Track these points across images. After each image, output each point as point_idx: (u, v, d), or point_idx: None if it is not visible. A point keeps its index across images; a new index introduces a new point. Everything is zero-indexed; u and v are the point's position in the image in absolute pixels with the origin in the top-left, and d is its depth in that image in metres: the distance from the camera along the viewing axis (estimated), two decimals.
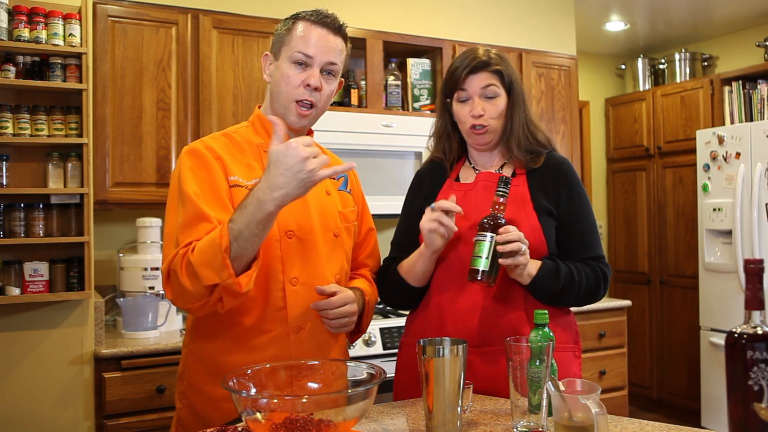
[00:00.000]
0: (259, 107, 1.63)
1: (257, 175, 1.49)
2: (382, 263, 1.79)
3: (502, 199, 1.51)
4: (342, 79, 1.62)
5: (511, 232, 1.46)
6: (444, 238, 1.55)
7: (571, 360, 1.65)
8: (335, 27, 1.56)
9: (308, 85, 1.50)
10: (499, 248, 1.46)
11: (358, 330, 1.67)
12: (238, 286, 1.32)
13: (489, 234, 1.47)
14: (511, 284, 1.59)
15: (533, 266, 1.55)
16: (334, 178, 1.65)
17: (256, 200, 1.30)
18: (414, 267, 1.64)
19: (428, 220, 1.53)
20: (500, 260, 1.46)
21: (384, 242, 1.81)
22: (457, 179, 1.74)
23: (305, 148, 1.29)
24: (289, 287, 1.48)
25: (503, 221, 1.49)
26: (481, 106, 1.63)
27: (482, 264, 1.46)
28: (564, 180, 1.66)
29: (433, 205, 1.54)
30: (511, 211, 1.59)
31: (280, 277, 1.47)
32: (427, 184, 1.77)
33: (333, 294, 1.49)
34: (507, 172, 1.70)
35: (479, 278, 1.47)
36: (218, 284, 1.32)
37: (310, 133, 1.64)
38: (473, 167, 1.74)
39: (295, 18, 1.56)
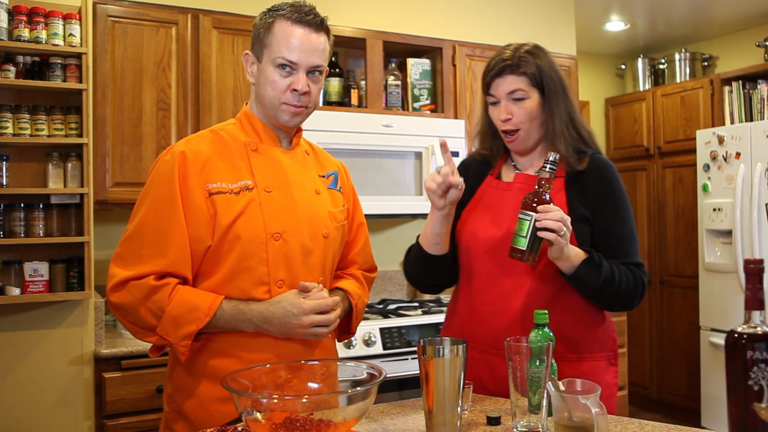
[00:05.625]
0: (246, 104, 1.60)
1: (243, 176, 1.48)
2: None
3: (547, 176, 1.47)
4: (327, 67, 1.56)
5: (552, 211, 1.43)
6: (443, 198, 1.52)
7: (606, 368, 1.63)
8: (317, 24, 1.49)
9: (295, 90, 1.47)
10: (537, 224, 1.43)
11: (348, 330, 1.66)
12: (183, 356, 1.42)
13: (531, 213, 1.44)
14: (541, 293, 1.57)
15: (576, 256, 1.52)
16: (323, 175, 1.64)
17: (249, 317, 1.42)
18: (425, 229, 1.63)
19: (429, 180, 1.53)
20: (538, 233, 1.43)
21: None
22: (499, 176, 1.72)
23: (312, 318, 1.42)
24: (275, 290, 1.46)
25: (547, 197, 1.46)
26: (507, 110, 1.60)
27: (522, 243, 1.45)
28: (605, 185, 1.63)
29: (438, 168, 1.51)
30: None
31: (266, 279, 1.46)
32: (469, 177, 1.73)
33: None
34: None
35: (519, 257, 1.46)
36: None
37: (299, 131, 1.62)
38: (514, 166, 1.72)
39: (274, 14, 1.48)
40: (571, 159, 1.61)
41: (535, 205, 1.45)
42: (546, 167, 1.47)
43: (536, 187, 1.48)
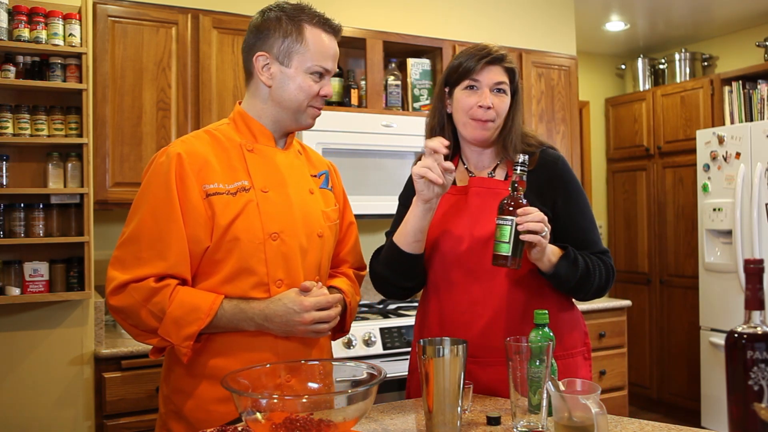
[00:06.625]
0: (239, 103, 1.59)
1: (239, 176, 1.48)
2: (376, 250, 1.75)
3: (520, 178, 1.47)
4: None
5: (532, 213, 1.43)
6: (434, 185, 1.49)
7: (580, 364, 1.65)
8: (339, 31, 1.57)
9: (324, 96, 1.54)
10: (520, 227, 1.42)
11: (342, 329, 1.66)
12: (185, 357, 1.41)
13: (510, 217, 1.43)
14: (511, 297, 1.57)
15: (553, 253, 1.52)
16: (315, 175, 1.64)
17: (250, 315, 1.43)
18: (405, 225, 1.58)
19: (419, 165, 1.49)
20: (521, 236, 1.42)
21: (381, 242, 1.79)
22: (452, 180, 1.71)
23: (313, 314, 1.42)
24: (274, 289, 1.47)
25: (524, 201, 1.46)
26: (490, 99, 1.61)
27: (506, 249, 1.43)
28: (559, 179, 1.64)
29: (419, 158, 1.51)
30: None
31: (265, 279, 1.46)
32: None
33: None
34: (500, 174, 1.67)
35: (503, 263, 1.44)
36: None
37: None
38: (466, 168, 1.72)
39: (298, 20, 1.50)
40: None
41: (512, 208, 1.45)
42: (517, 169, 1.47)
43: (510, 190, 1.48)
